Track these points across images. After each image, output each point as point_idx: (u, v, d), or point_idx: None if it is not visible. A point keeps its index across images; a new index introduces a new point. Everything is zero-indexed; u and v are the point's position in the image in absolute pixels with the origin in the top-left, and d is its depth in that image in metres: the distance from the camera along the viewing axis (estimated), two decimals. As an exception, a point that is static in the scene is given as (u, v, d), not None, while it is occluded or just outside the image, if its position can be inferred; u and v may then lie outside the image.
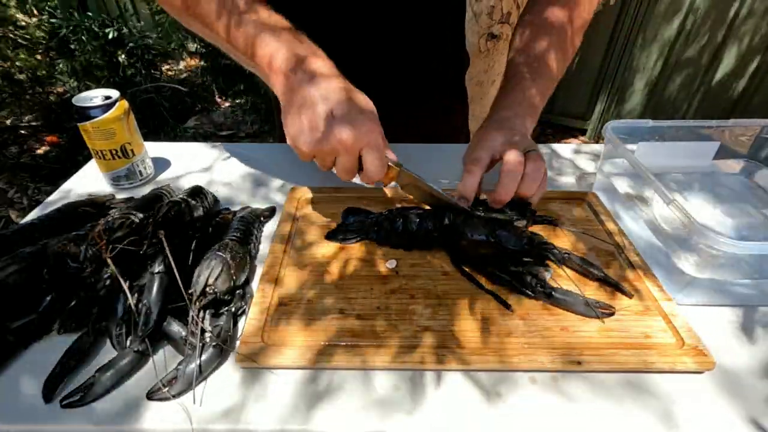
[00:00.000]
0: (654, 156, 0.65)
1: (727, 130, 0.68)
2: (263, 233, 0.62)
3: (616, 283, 0.52)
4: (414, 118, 0.85)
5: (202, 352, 0.43)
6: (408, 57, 0.79)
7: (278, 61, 0.49)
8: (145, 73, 2.25)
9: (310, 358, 0.44)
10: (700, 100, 2.33)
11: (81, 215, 0.61)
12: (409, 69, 0.80)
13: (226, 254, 0.50)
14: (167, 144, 0.85)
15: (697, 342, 0.45)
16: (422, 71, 0.81)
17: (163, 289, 0.47)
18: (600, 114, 2.55)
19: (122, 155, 0.69)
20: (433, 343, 0.46)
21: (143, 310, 0.45)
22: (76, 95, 0.67)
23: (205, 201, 0.64)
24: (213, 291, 0.47)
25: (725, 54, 2.15)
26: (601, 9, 2.07)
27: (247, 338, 0.45)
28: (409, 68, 0.80)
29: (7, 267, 0.47)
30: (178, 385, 0.41)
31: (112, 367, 0.43)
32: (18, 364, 0.45)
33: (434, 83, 0.83)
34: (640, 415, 0.41)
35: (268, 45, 0.50)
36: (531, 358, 0.44)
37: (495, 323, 0.48)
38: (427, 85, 0.83)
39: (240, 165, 0.80)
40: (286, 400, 0.42)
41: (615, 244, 0.59)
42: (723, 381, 0.44)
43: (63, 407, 0.41)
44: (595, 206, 0.66)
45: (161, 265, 0.48)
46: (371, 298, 0.51)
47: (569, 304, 0.49)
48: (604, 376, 0.44)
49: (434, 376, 0.44)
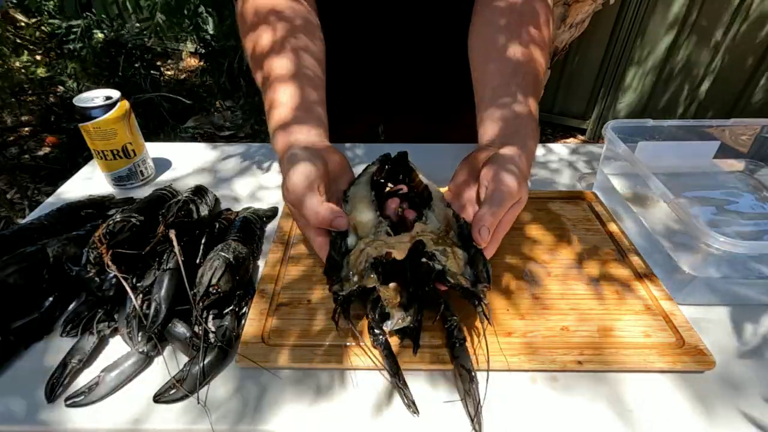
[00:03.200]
0: (654, 156, 0.65)
1: (727, 130, 0.68)
2: (265, 233, 0.63)
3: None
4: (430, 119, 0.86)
5: (207, 353, 0.43)
6: (425, 57, 0.79)
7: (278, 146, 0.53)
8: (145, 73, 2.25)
9: (310, 358, 0.44)
10: (701, 100, 2.33)
11: (81, 215, 0.61)
12: (425, 69, 0.81)
13: (229, 254, 0.50)
14: (168, 144, 0.86)
15: (697, 341, 0.45)
16: (438, 71, 0.81)
17: (174, 285, 0.47)
18: (599, 113, 2.55)
19: (123, 155, 0.70)
20: (432, 343, 0.46)
21: (153, 306, 0.45)
22: (77, 96, 0.67)
23: (208, 200, 0.64)
24: (216, 291, 0.47)
25: (725, 53, 2.15)
26: (600, 9, 2.07)
27: (247, 338, 0.46)
28: (426, 69, 0.80)
29: (7, 267, 0.47)
30: (185, 387, 0.41)
31: (117, 367, 0.43)
32: (19, 363, 0.45)
33: (448, 82, 0.83)
34: (640, 414, 0.41)
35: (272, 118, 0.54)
36: (531, 358, 0.44)
37: (495, 323, 0.48)
38: (442, 84, 0.83)
39: (240, 165, 0.80)
40: (286, 400, 0.42)
41: (615, 244, 0.59)
42: (723, 380, 0.44)
43: (67, 406, 0.41)
44: (595, 206, 0.66)
45: (171, 262, 0.49)
46: (372, 298, 0.51)
47: None
48: (604, 376, 0.44)
49: (434, 375, 0.44)
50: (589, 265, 0.56)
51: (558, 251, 0.58)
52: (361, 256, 0.44)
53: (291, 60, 0.55)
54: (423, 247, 0.42)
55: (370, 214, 0.50)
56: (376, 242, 0.45)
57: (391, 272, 0.43)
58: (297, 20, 0.58)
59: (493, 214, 0.44)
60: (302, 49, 0.57)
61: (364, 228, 0.48)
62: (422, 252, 0.42)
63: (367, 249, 0.44)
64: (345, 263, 0.45)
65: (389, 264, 0.42)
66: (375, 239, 0.46)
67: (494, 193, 0.45)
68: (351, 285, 0.42)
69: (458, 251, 0.45)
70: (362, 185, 0.54)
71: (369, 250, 0.44)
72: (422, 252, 0.42)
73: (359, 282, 0.42)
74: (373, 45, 0.77)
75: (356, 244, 0.46)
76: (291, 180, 0.45)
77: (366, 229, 0.48)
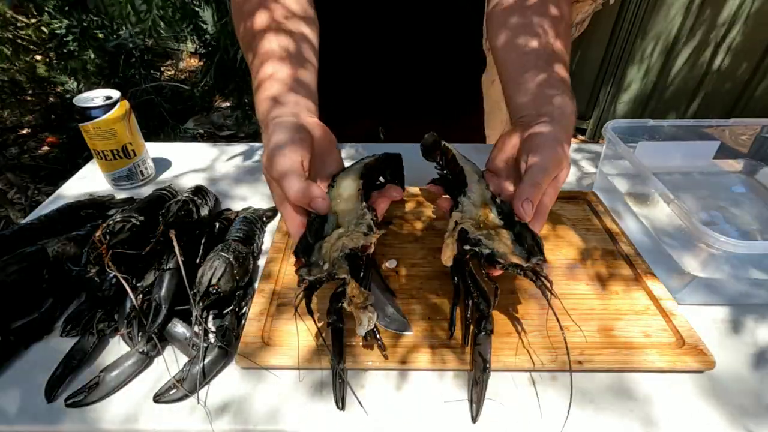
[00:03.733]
0: (654, 155, 0.65)
1: (727, 130, 0.68)
2: (265, 233, 0.63)
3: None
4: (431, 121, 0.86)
5: (207, 353, 0.43)
6: (432, 57, 0.79)
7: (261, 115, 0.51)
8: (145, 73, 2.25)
9: (310, 358, 0.44)
10: (701, 99, 2.33)
11: (81, 215, 0.61)
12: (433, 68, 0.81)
13: (229, 254, 0.50)
14: (168, 144, 0.86)
15: (698, 341, 0.45)
16: (445, 71, 0.81)
17: (174, 285, 0.47)
18: (599, 113, 2.55)
19: (123, 155, 0.70)
20: (432, 343, 0.46)
21: (153, 306, 0.45)
22: (77, 96, 0.67)
23: (208, 200, 0.64)
24: (216, 291, 0.47)
25: (725, 53, 2.15)
26: (600, 9, 2.07)
27: (247, 338, 0.46)
28: (433, 68, 0.80)
29: (7, 267, 0.47)
30: (185, 387, 0.41)
31: (117, 367, 0.43)
32: (19, 363, 0.45)
33: (455, 83, 0.83)
34: (640, 413, 0.41)
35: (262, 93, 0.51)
36: (531, 358, 0.44)
37: (495, 323, 0.48)
38: (449, 85, 0.83)
39: (240, 165, 0.80)
40: (286, 400, 0.42)
41: (615, 243, 0.59)
42: (723, 380, 0.44)
43: (68, 406, 0.41)
44: (595, 206, 0.66)
45: (171, 262, 0.49)
46: (372, 298, 0.51)
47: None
48: (605, 376, 0.44)
49: (434, 375, 0.44)
50: (589, 264, 0.56)
51: (558, 251, 0.58)
52: (337, 243, 0.42)
53: (286, 41, 0.54)
54: (466, 234, 0.41)
55: (354, 204, 0.47)
56: (354, 234, 0.43)
57: (359, 267, 0.41)
58: (294, 5, 0.58)
59: (534, 186, 0.43)
60: (297, 34, 0.56)
61: (345, 217, 0.46)
62: (466, 239, 0.41)
63: (343, 239, 0.43)
64: (317, 248, 0.43)
65: (361, 258, 0.41)
66: (354, 231, 0.44)
67: (534, 165, 0.44)
68: (320, 272, 0.40)
69: (503, 232, 0.43)
70: (352, 173, 0.51)
71: (345, 240, 0.42)
72: (466, 239, 0.41)
73: (329, 270, 0.40)
74: (375, 47, 0.77)
75: (332, 231, 0.44)
76: (273, 151, 0.43)
77: (347, 218, 0.46)
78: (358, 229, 0.44)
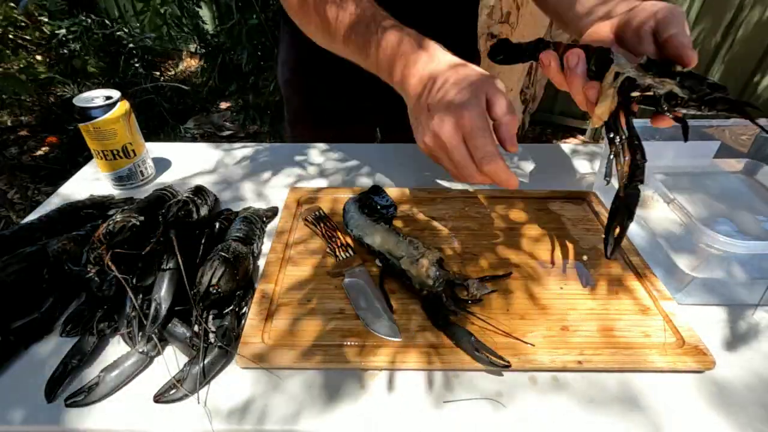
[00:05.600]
0: (654, 156, 0.64)
1: (727, 130, 0.68)
2: (265, 233, 0.63)
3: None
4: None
5: (207, 353, 0.43)
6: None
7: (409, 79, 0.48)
8: (145, 73, 2.25)
9: (310, 358, 0.44)
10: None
11: (81, 215, 0.61)
12: None
13: (229, 255, 0.50)
14: (168, 144, 0.86)
15: (697, 341, 0.45)
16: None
17: (174, 285, 0.47)
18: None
19: (123, 155, 0.70)
20: (432, 343, 0.46)
21: (153, 306, 0.45)
22: (77, 96, 0.67)
23: (208, 200, 0.64)
24: (216, 291, 0.47)
25: (725, 53, 2.15)
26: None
27: (247, 338, 0.46)
28: None
29: (7, 267, 0.47)
30: (185, 387, 0.41)
31: (117, 367, 0.43)
32: (19, 363, 0.45)
33: None
34: (640, 413, 0.41)
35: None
36: (531, 358, 0.44)
37: (494, 323, 0.48)
38: None
39: (240, 165, 0.80)
40: (286, 400, 0.42)
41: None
42: (723, 380, 0.44)
43: (67, 406, 0.41)
44: (595, 206, 0.66)
45: (171, 262, 0.49)
46: (372, 298, 0.51)
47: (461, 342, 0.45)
48: (605, 376, 0.44)
49: (434, 376, 0.44)
50: (589, 264, 0.56)
51: (558, 251, 0.58)
52: (426, 268, 0.49)
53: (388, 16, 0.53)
54: (633, 81, 0.41)
55: (394, 239, 0.54)
56: (427, 252, 0.51)
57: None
58: None
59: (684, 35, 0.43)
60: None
61: (397, 251, 0.52)
62: (634, 87, 0.41)
63: (422, 260, 0.50)
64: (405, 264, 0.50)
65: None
66: (424, 250, 0.51)
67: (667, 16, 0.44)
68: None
69: (666, 79, 0.43)
70: (369, 227, 0.57)
71: (427, 260, 0.49)
72: (634, 87, 0.41)
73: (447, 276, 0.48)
74: None
75: (400, 264, 0.51)
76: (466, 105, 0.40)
77: (400, 250, 0.52)
78: (420, 249, 0.51)
